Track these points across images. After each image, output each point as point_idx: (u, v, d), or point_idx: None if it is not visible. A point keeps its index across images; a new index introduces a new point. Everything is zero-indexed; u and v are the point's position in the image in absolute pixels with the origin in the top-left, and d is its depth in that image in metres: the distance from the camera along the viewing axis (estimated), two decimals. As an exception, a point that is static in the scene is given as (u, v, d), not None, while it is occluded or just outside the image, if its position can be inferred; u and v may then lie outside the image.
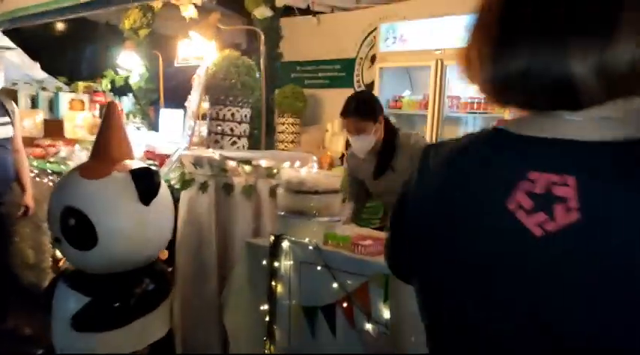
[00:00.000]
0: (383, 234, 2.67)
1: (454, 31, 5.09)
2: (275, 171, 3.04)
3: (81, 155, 4.22)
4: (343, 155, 6.58)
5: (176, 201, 3.06)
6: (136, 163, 2.94)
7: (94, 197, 2.70)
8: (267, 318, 2.31)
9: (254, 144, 4.03)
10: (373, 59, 6.95)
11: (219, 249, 3.06)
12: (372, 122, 2.90)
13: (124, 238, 2.72)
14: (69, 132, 5.09)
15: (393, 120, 3.22)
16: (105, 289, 2.83)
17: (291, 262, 2.30)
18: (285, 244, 2.33)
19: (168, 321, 2.94)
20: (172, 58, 5.31)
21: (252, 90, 3.69)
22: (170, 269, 3.49)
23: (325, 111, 7.48)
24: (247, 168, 3.01)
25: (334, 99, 7.10)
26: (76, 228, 2.69)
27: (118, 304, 2.81)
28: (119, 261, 2.78)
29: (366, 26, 7.01)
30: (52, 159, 4.44)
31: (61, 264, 3.99)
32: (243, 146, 3.77)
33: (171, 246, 3.05)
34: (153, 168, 2.82)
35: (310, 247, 2.22)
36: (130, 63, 6.07)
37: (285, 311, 2.27)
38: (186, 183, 3.16)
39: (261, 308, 2.30)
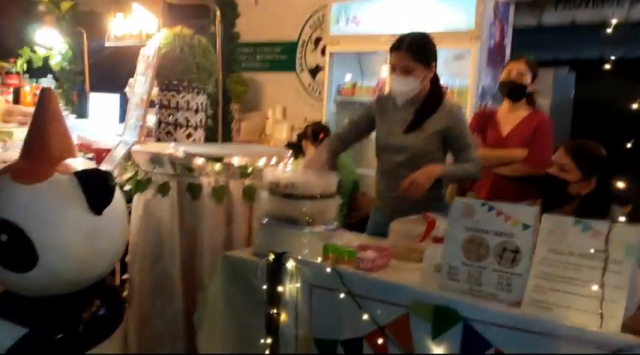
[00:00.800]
0: (385, 242, 2.32)
1: (415, 13, 4.78)
2: (250, 169, 2.61)
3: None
4: (290, 144, 6.18)
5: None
6: (80, 163, 2.42)
7: (31, 206, 2.20)
8: (266, 352, 1.90)
9: (211, 136, 3.55)
10: (317, 42, 6.56)
11: (183, 262, 2.60)
12: (424, 65, 2.54)
13: (70, 254, 2.24)
14: (-24, 120, 4.37)
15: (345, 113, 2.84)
16: (45, 316, 2.32)
17: (298, 285, 1.90)
18: (291, 264, 1.92)
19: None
20: (101, 35, 4.66)
21: (210, 74, 3.21)
22: (118, 283, 2.98)
23: (266, 96, 7.01)
24: (217, 166, 2.56)
25: (275, 84, 6.60)
26: (9, 246, 2.17)
27: (62, 335, 2.31)
28: (65, 281, 2.29)
29: (309, 6, 6.59)
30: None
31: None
32: (200, 138, 3.29)
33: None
34: (104, 169, 2.32)
35: (328, 269, 1.83)
36: (49, 41, 5.32)
37: (288, 342, 1.87)
38: (141, 184, 2.67)
39: (261, 341, 1.88)
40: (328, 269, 1.83)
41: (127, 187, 2.68)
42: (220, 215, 2.61)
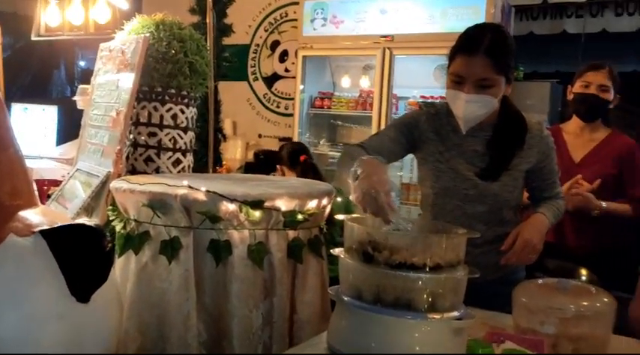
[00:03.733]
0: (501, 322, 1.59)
1: (407, 12, 4.13)
2: (300, 217, 1.78)
3: None
4: (248, 164, 5.32)
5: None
6: (46, 215, 1.50)
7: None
8: None
9: (199, 164, 2.66)
10: (274, 46, 5.77)
11: (204, 360, 1.73)
12: (506, 76, 1.78)
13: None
14: None
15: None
16: None
17: None
18: None
19: None
20: (21, 29, 3.60)
21: (204, 78, 2.34)
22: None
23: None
24: (256, 214, 1.71)
25: (223, 94, 5.72)
26: None
27: None
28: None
29: (263, 5, 5.79)
30: None
31: None
32: (189, 166, 2.40)
33: None
34: (94, 224, 1.43)
35: None
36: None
37: None
38: (132, 242, 1.76)
39: None
40: None
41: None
42: (258, 286, 1.76)
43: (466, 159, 1.89)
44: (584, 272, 2.27)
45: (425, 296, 1.44)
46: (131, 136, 2.31)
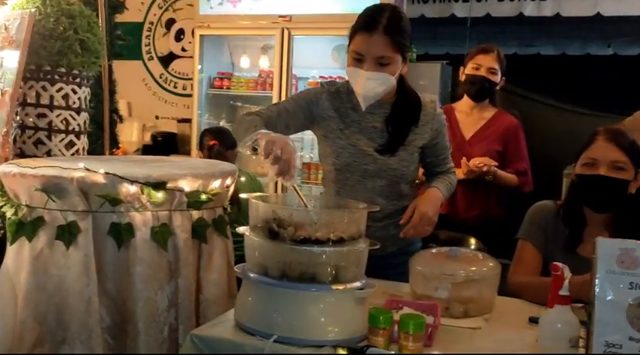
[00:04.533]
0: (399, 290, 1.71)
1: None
2: (204, 197, 1.78)
3: None
4: (145, 147, 5.16)
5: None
6: None
7: None
8: None
9: (94, 147, 2.55)
10: (169, 25, 5.60)
11: (108, 348, 1.69)
12: (402, 55, 1.85)
13: None
14: None
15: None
16: None
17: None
18: None
19: None
20: None
21: (97, 56, 2.25)
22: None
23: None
24: (159, 195, 1.69)
25: (117, 73, 5.50)
26: None
27: None
28: None
29: (157, -18, 5.60)
30: None
31: None
32: (84, 148, 2.32)
33: None
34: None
35: None
36: None
37: None
38: (25, 228, 1.68)
39: None
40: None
41: (-2, 233, 1.67)
42: (163, 268, 1.74)
43: (366, 136, 1.96)
44: (473, 241, 2.43)
45: (329, 269, 1.49)
46: (18, 118, 2.18)
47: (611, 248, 1.25)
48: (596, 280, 1.24)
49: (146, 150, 4.98)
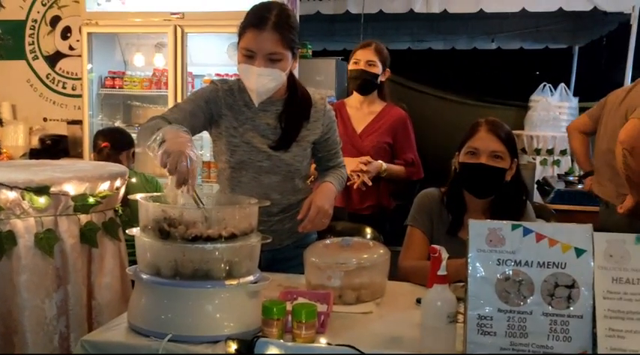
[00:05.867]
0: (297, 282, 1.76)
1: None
2: (92, 200, 1.73)
3: None
4: (33, 151, 4.89)
5: None
6: None
7: None
8: None
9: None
10: (54, 22, 5.32)
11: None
12: (292, 52, 1.89)
13: None
14: None
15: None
16: None
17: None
18: (276, 354, 1.22)
19: None
20: None
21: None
22: None
23: (-16, 91, 5.46)
24: (41, 200, 1.63)
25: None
26: None
27: None
28: None
29: (40, -23, 5.30)
30: None
31: None
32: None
33: None
34: None
35: None
36: None
37: None
38: None
39: None
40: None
41: None
42: (49, 275, 1.68)
43: (259, 133, 1.98)
44: (368, 230, 2.52)
45: (222, 265, 1.51)
46: None
47: (481, 228, 1.35)
48: (469, 259, 1.34)
49: (34, 154, 4.72)
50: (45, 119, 5.36)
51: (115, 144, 3.05)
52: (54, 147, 4.74)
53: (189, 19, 4.21)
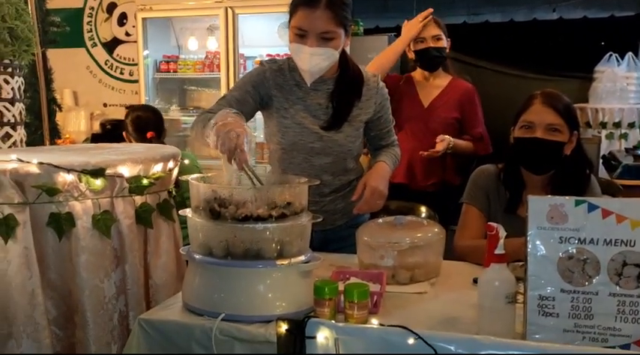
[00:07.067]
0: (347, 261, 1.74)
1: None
2: (146, 182, 1.75)
3: None
4: (94, 135, 5.04)
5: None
6: None
7: None
8: None
9: (34, 137, 2.48)
10: (111, 9, 5.45)
11: (57, 339, 1.67)
12: (345, 29, 1.84)
13: None
14: None
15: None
16: None
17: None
18: (327, 335, 1.20)
19: None
20: None
21: (29, 45, 2.19)
22: None
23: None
24: (97, 182, 1.66)
25: (60, 63, 5.33)
26: None
27: None
28: None
29: (95, -36, 5.43)
30: None
31: None
32: (22, 140, 2.25)
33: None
34: None
35: (411, 340, 1.15)
36: None
37: None
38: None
39: None
40: (412, 340, 1.16)
41: None
42: (107, 255, 1.72)
43: (310, 113, 1.95)
44: (423, 209, 2.46)
45: (273, 244, 1.50)
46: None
47: (541, 205, 1.28)
48: (529, 237, 1.28)
49: (95, 138, 4.87)
50: (105, 104, 5.52)
51: (159, 134, 3.08)
52: (114, 132, 4.86)
53: (239, 1, 4.22)
